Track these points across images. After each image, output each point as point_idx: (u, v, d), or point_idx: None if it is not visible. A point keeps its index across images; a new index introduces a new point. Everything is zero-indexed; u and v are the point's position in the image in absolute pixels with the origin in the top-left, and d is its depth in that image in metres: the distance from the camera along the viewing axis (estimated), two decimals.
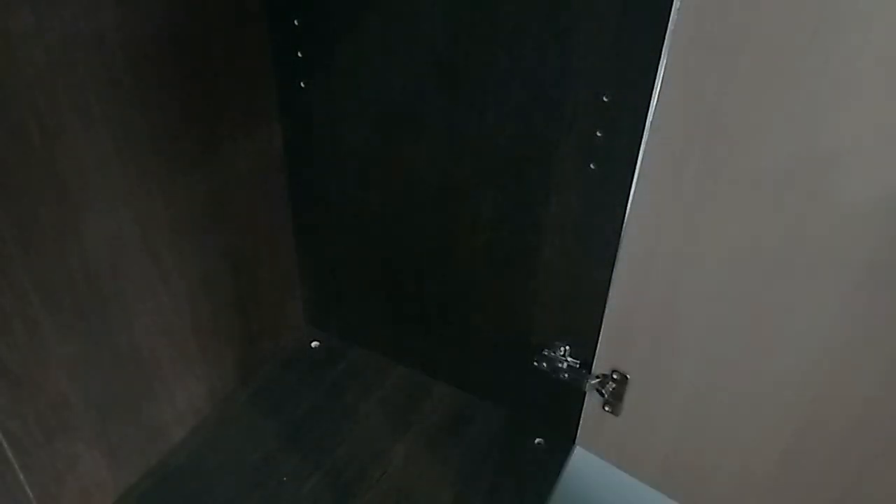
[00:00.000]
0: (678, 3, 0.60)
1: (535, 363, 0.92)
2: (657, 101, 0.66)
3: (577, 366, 0.90)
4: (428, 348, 1.06)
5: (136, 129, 0.73)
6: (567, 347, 0.90)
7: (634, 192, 0.73)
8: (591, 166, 0.75)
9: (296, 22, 0.85)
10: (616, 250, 0.77)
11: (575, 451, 0.96)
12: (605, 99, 0.70)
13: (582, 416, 0.94)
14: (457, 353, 1.03)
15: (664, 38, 0.63)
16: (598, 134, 0.72)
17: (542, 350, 0.91)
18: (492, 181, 0.83)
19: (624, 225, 0.75)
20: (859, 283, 0.62)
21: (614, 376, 0.86)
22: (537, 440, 0.98)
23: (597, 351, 0.86)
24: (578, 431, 0.95)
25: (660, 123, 0.67)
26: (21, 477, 0.73)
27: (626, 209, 0.74)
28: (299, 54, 0.87)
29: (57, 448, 0.76)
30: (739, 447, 0.78)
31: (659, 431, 0.85)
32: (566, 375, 0.90)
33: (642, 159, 0.70)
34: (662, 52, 0.64)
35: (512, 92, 0.75)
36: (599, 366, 0.87)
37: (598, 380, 0.88)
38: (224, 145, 0.86)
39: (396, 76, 0.82)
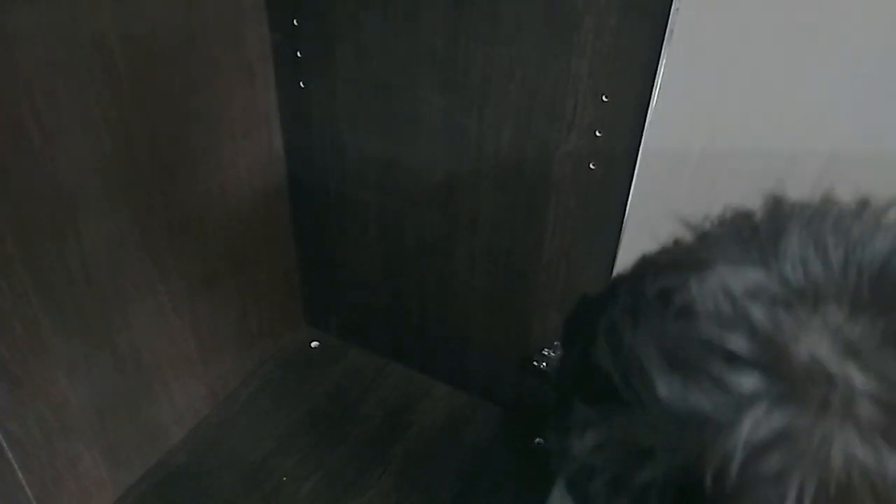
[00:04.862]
0: (678, 3, 0.60)
1: (535, 363, 0.92)
2: (657, 100, 0.66)
3: None
4: (428, 348, 1.06)
5: (135, 128, 0.73)
6: None
7: (634, 192, 0.73)
8: (591, 166, 0.75)
9: (296, 22, 0.85)
10: (616, 250, 0.77)
11: None
12: (605, 99, 0.70)
13: None
14: (456, 353, 1.03)
15: (664, 37, 0.63)
16: (598, 134, 0.72)
17: (542, 350, 0.91)
18: (492, 181, 0.83)
19: (624, 225, 0.75)
20: None
21: None
22: (537, 440, 0.98)
23: None
24: None
25: (659, 122, 0.67)
26: (21, 477, 0.73)
27: (625, 209, 0.74)
28: (299, 54, 0.87)
29: (57, 448, 0.76)
30: None
31: None
32: None
33: (642, 159, 0.70)
34: (662, 52, 0.64)
35: (512, 92, 0.75)
36: None
37: None
38: (224, 145, 0.86)
39: (396, 76, 0.82)
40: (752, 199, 0.67)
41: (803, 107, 0.58)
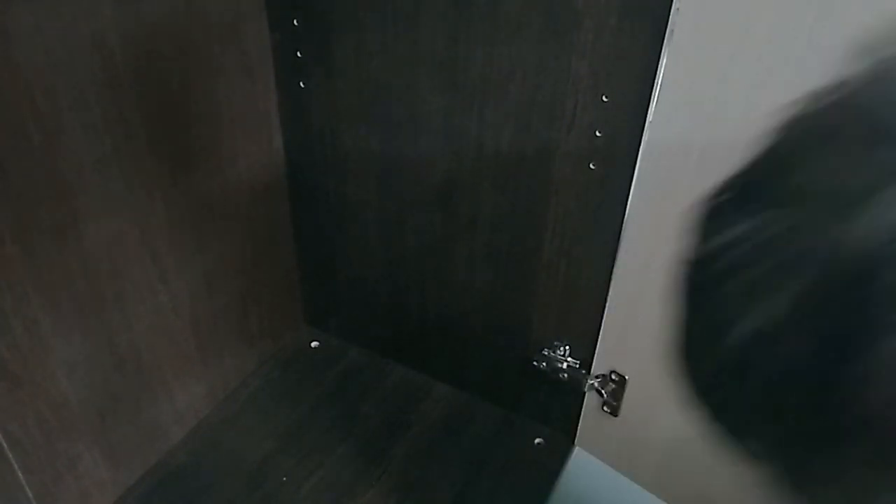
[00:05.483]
0: (678, 3, 0.60)
1: (535, 363, 0.92)
2: (657, 100, 0.66)
3: (577, 366, 0.90)
4: (427, 348, 1.06)
5: (135, 128, 0.73)
6: (567, 347, 0.90)
7: (634, 192, 0.73)
8: (591, 166, 0.75)
9: (296, 22, 0.85)
10: (616, 250, 0.77)
11: (574, 452, 0.96)
12: (605, 99, 0.70)
13: (581, 416, 0.94)
14: (456, 353, 1.03)
15: (664, 38, 0.63)
16: (598, 134, 0.72)
17: (542, 350, 0.91)
18: (492, 181, 0.83)
19: (624, 225, 0.75)
20: None
21: (613, 377, 0.86)
22: (537, 440, 0.98)
23: (596, 351, 0.86)
24: (578, 432, 0.95)
25: (659, 122, 0.67)
26: (21, 477, 0.73)
27: (625, 209, 0.74)
28: (299, 54, 0.87)
29: (57, 448, 0.76)
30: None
31: (656, 433, 0.85)
32: (566, 375, 0.90)
33: (642, 159, 0.70)
34: (662, 52, 0.64)
35: (512, 92, 0.75)
36: (599, 366, 0.87)
37: (597, 380, 0.88)
38: (224, 145, 0.86)
39: (396, 76, 0.82)
40: None
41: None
